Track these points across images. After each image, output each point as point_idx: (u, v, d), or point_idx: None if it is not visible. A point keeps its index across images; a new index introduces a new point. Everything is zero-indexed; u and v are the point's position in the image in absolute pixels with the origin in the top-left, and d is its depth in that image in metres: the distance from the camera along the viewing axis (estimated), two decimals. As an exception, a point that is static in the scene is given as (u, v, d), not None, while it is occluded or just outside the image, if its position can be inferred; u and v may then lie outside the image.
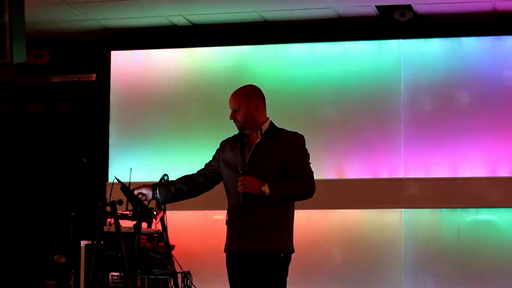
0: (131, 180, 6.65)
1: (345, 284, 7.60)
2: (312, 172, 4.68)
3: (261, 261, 4.54)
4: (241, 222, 4.60)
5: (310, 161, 4.71)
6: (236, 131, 4.81)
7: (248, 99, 4.71)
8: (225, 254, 4.77)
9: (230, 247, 4.70)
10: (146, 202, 5.20)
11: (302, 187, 4.63)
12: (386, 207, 7.58)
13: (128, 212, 6.42)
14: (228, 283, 4.72)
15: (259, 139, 4.67)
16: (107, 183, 7.86)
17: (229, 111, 4.75)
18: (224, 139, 4.88)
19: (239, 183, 4.53)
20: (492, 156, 7.45)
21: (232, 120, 4.74)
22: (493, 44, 7.59)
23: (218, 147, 4.88)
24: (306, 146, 4.72)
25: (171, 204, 6.77)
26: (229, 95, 4.80)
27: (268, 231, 4.54)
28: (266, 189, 4.51)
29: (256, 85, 4.88)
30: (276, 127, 4.75)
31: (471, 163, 7.48)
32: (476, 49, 7.60)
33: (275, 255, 4.56)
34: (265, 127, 4.71)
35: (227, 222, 4.74)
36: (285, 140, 4.67)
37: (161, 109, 8.14)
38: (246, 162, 4.63)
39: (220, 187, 4.89)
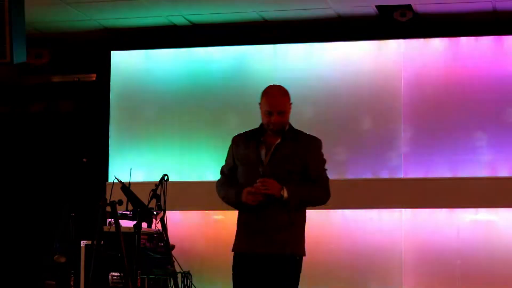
0: (131, 180, 6.67)
1: (345, 284, 7.60)
2: (328, 179, 4.62)
3: (278, 264, 4.46)
4: (256, 223, 4.50)
5: (326, 167, 4.66)
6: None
7: (289, 101, 4.60)
8: (225, 253, 4.72)
9: (242, 247, 4.58)
10: None
11: (319, 194, 4.58)
12: (386, 207, 7.57)
13: (128, 212, 6.43)
14: (228, 283, 4.69)
15: (279, 140, 4.56)
16: (107, 183, 7.86)
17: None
18: (236, 134, 4.73)
19: (259, 184, 4.42)
20: (492, 156, 7.46)
21: (265, 122, 4.55)
22: (493, 44, 7.59)
23: (230, 143, 4.72)
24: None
25: (171, 204, 6.82)
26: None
27: (284, 234, 4.47)
28: (284, 192, 4.44)
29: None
30: (295, 128, 4.64)
31: (471, 163, 7.48)
32: (476, 49, 7.60)
33: (292, 258, 4.50)
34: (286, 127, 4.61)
35: (239, 221, 4.63)
36: (306, 144, 4.58)
37: (161, 109, 8.14)
38: (265, 162, 4.53)
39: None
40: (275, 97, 4.56)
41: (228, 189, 4.62)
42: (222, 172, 4.76)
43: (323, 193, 4.59)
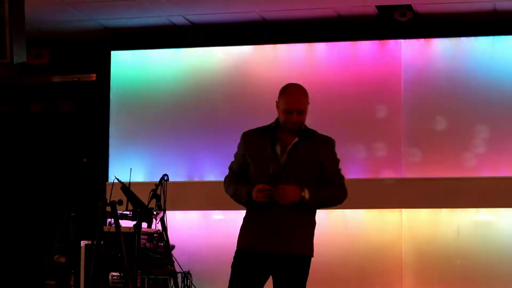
0: (131, 180, 6.67)
1: (344, 284, 7.60)
2: (343, 178, 4.57)
3: (284, 264, 4.40)
4: (264, 220, 4.41)
5: (340, 167, 4.61)
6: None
7: (308, 100, 4.49)
8: (225, 253, 4.68)
9: (247, 243, 4.46)
10: None
11: (337, 194, 4.53)
12: (386, 207, 7.57)
13: (128, 212, 6.44)
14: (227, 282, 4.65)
15: (297, 140, 4.47)
16: (107, 183, 7.86)
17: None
18: (246, 131, 4.59)
19: (277, 193, 4.32)
20: (492, 156, 7.46)
21: (283, 121, 4.44)
22: (492, 44, 7.59)
23: (240, 140, 4.58)
24: None
25: (171, 204, 6.83)
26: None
27: (293, 233, 4.41)
28: (306, 194, 4.36)
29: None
30: (309, 128, 4.56)
31: (471, 163, 7.48)
32: (476, 49, 7.61)
33: (299, 258, 4.44)
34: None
35: (247, 217, 4.51)
36: (321, 144, 4.52)
37: (161, 109, 8.14)
38: (282, 161, 4.43)
39: (219, 187, 4.84)
40: (295, 96, 4.47)
41: (238, 187, 4.51)
42: (230, 168, 4.64)
43: (342, 193, 4.55)
